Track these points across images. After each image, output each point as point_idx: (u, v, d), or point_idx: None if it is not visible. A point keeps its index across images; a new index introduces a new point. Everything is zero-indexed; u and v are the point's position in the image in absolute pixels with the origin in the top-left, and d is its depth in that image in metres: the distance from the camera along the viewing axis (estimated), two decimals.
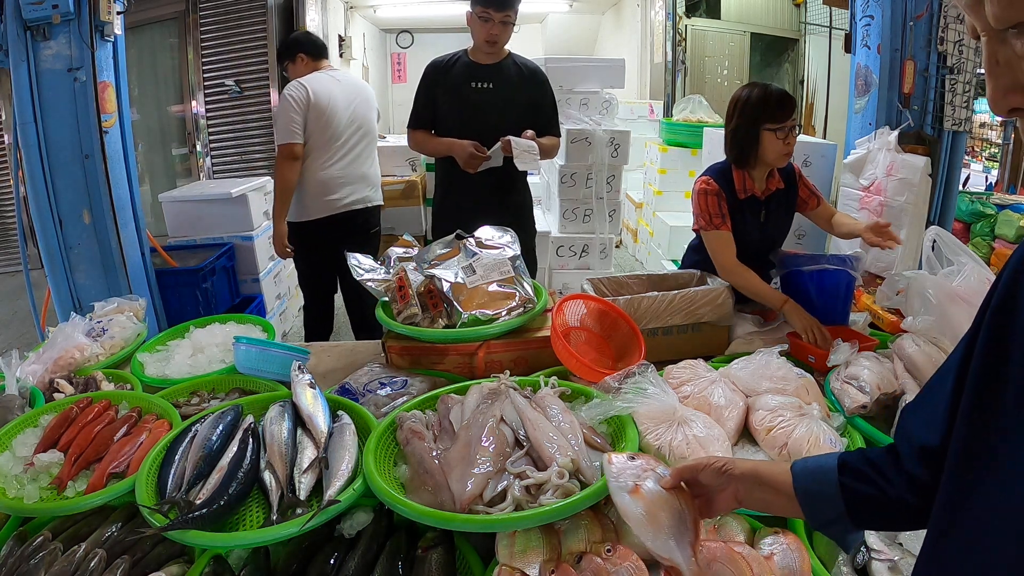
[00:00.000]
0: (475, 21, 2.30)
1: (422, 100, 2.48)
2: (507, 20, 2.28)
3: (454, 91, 2.41)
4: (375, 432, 1.14)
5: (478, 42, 2.35)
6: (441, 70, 2.44)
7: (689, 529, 0.77)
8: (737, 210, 1.80)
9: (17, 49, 2.29)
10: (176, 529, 0.94)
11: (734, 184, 1.80)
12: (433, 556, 0.95)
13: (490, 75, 2.41)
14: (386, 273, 1.72)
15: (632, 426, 1.13)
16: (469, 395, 1.24)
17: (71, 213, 2.49)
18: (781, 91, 1.77)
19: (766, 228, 1.87)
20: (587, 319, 1.59)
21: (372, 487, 1.01)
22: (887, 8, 2.65)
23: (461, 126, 2.39)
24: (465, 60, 2.43)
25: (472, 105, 2.40)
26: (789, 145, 1.73)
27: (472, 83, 2.40)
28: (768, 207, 1.85)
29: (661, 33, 6.34)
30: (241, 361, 1.49)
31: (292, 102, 2.64)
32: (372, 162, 2.93)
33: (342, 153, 2.78)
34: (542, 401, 1.18)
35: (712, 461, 0.80)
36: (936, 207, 2.71)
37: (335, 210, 2.78)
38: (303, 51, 2.83)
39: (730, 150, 1.81)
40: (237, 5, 4.75)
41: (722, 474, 0.79)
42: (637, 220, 5.32)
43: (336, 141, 2.75)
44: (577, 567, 0.89)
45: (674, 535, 0.76)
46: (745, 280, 1.74)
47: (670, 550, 0.75)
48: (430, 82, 2.44)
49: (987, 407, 0.55)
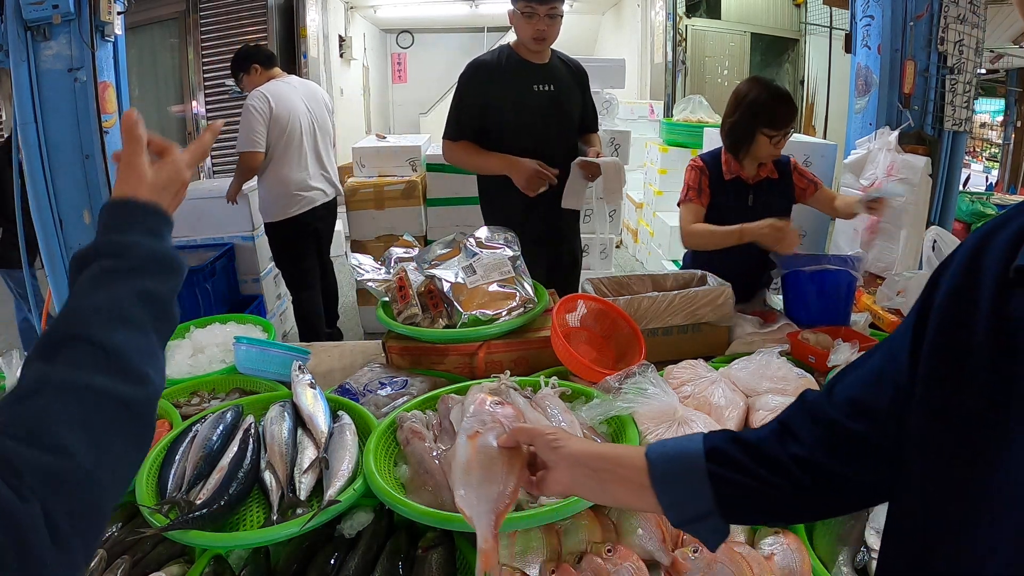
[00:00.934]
0: (518, 18, 2.03)
1: (468, 105, 2.12)
2: (553, 13, 2.01)
3: (514, 94, 2.10)
4: (375, 432, 1.14)
5: (524, 40, 2.07)
6: (493, 70, 2.11)
7: (499, 495, 0.70)
8: (721, 190, 1.93)
9: (17, 49, 2.30)
10: (176, 529, 0.94)
11: (720, 165, 1.93)
12: (433, 556, 0.95)
13: (547, 76, 2.13)
14: (386, 273, 1.72)
15: (632, 426, 1.13)
16: (469, 395, 1.24)
17: (71, 213, 2.50)
18: (785, 98, 1.85)
19: (755, 213, 1.88)
20: (587, 319, 1.59)
21: (373, 487, 1.01)
22: (887, 8, 2.65)
23: (521, 136, 2.10)
24: (516, 58, 2.12)
25: (534, 111, 2.10)
26: (779, 147, 1.85)
27: (535, 86, 2.10)
28: (756, 193, 1.94)
29: (661, 33, 6.34)
30: (241, 361, 1.49)
31: (255, 113, 2.87)
32: (330, 158, 3.26)
33: (310, 154, 3.08)
34: (542, 401, 1.18)
35: (546, 431, 0.72)
36: (936, 207, 2.71)
37: (309, 205, 3.09)
38: (256, 61, 3.03)
39: (726, 139, 1.93)
40: (237, 5, 4.76)
41: (552, 449, 0.70)
42: (637, 220, 5.33)
43: (302, 145, 3.03)
44: (577, 567, 0.89)
45: (479, 494, 0.71)
46: (702, 235, 1.89)
47: (471, 507, 0.70)
48: (479, 84, 2.11)
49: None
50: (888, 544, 0.57)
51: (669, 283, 1.81)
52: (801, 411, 0.63)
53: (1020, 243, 0.46)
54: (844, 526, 0.99)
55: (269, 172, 3.01)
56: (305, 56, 5.77)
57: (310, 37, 5.83)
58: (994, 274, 0.47)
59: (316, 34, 6.10)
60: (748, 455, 0.62)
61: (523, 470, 0.73)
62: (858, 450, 0.58)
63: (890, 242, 2.76)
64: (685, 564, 0.90)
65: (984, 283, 0.48)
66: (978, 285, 0.49)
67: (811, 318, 1.68)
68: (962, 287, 0.50)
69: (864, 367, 0.60)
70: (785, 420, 0.64)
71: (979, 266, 0.49)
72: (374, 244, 3.65)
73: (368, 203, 3.67)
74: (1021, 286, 0.44)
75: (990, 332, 0.46)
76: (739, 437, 0.65)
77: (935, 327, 0.52)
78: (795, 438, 0.61)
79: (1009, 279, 0.46)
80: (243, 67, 3.03)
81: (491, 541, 0.69)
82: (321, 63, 6.31)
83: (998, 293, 0.47)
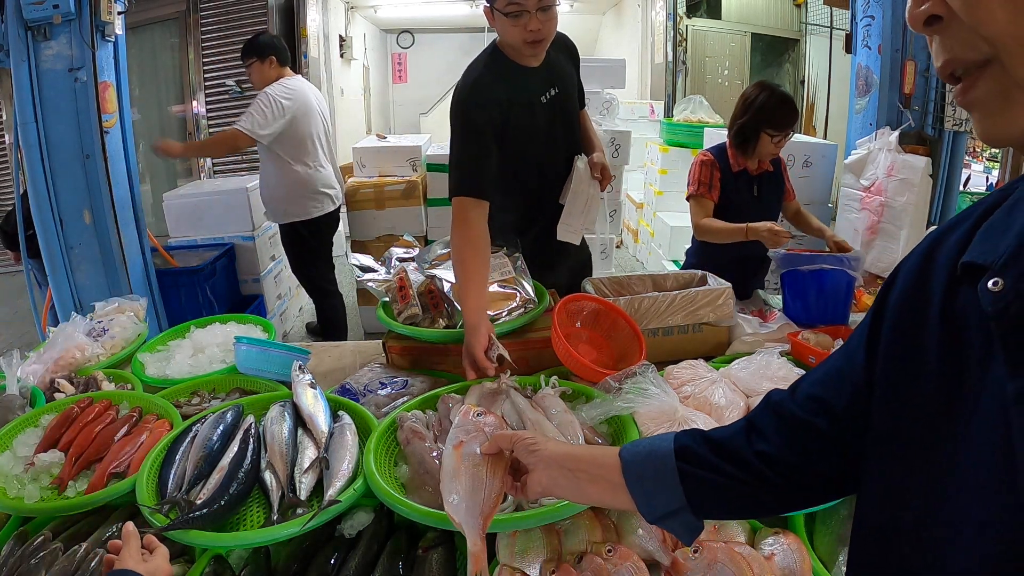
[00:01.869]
0: (502, 21, 1.56)
1: (484, 146, 1.57)
2: (546, 4, 1.52)
3: (524, 115, 1.66)
4: (375, 432, 1.15)
5: (514, 44, 1.59)
6: (497, 88, 1.61)
7: (485, 499, 0.75)
8: (732, 182, 2.09)
9: (18, 49, 2.30)
10: (177, 529, 0.94)
11: (728, 159, 2.10)
12: (433, 556, 0.95)
13: (550, 77, 1.70)
14: (387, 273, 1.72)
15: (633, 426, 1.13)
16: (469, 395, 1.24)
17: (72, 213, 2.50)
18: (788, 103, 2.03)
19: (760, 204, 2.12)
20: (588, 320, 1.59)
21: (372, 487, 1.01)
22: (888, 8, 2.65)
23: (527, 158, 1.72)
24: (514, 67, 1.64)
25: (542, 125, 1.71)
26: (780, 147, 2.05)
27: (542, 96, 1.69)
28: (760, 184, 2.13)
29: (662, 33, 6.34)
30: (241, 361, 1.49)
31: (277, 104, 2.81)
32: (336, 160, 3.29)
33: (326, 153, 3.07)
34: (543, 401, 1.18)
35: (524, 436, 0.75)
36: (936, 207, 2.72)
37: (331, 206, 3.09)
38: (275, 54, 2.94)
39: (733, 136, 2.09)
40: (237, 5, 4.76)
41: (530, 452, 0.73)
42: (638, 220, 5.32)
43: (323, 144, 3.03)
44: (578, 567, 0.89)
45: (467, 500, 0.76)
46: (713, 231, 2.04)
47: (460, 513, 0.76)
48: (488, 115, 1.58)
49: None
50: (855, 537, 0.58)
51: (669, 283, 1.81)
52: (767, 410, 0.66)
53: (969, 240, 0.47)
54: (844, 526, 0.99)
55: (287, 170, 2.93)
56: (305, 56, 5.77)
57: (310, 37, 5.83)
58: (945, 271, 0.49)
59: (316, 34, 6.10)
60: (716, 453, 0.65)
61: (506, 474, 0.77)
62: (820, 446, 0.60)
63: (890, 242, 2.77)
64: (685, 564, 0.90)
65: (936, 280, 0.49)
66: (930, 283, 0.50)
67: (810, 317, 1.69)
68: (915, 285, 0.51)
69: (825, 366, 0.63)
70: (752, 419, 0.67)
71: (931, 265, 0.51)
72: (374, 244, 3.65)
73: (368, 203, 3.67)
74: (967, 282, 0.45)
75: (940, 327, 0.48)
76: (708, 436, 0.67)
77: (890, 325, 0.53)
78: (761, 435, 0.64)
79: (957, 275, 0.47)
80: (261, 54, 2.89)
81: (480, 544, 0.74)
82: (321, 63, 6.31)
83: (948, 289, 0.48)
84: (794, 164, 3.17)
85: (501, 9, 1.54)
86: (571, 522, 0.96)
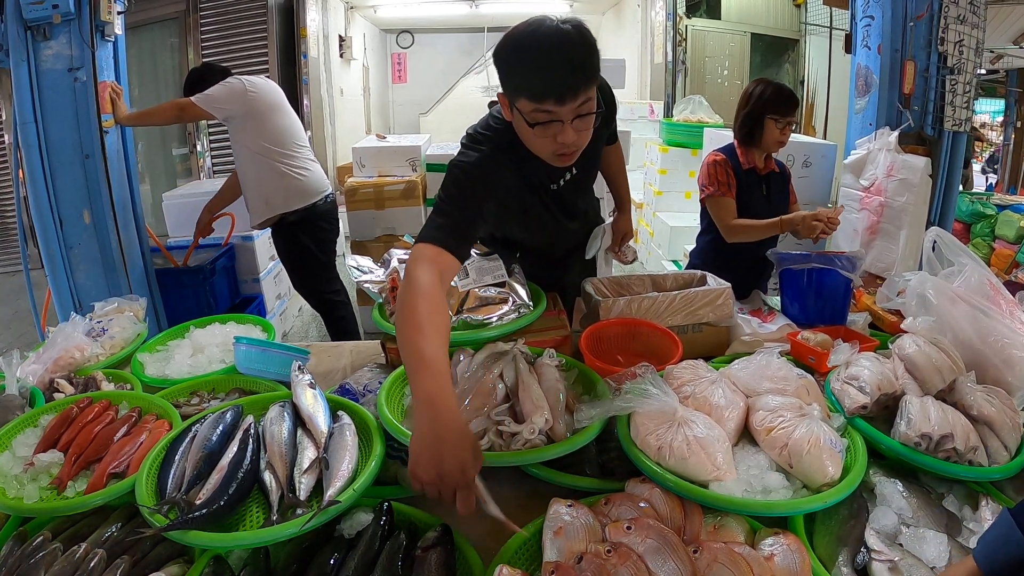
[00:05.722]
0: (523, 128, 1.22)
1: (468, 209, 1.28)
2: (583, 111, 1.17)
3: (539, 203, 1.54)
4: (386, 384, 1.23)
5: (540, 154, 1.28)
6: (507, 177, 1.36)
7: None
8: (743, 180, 2.11)
9: (17, 49, 2.30)
10: (176, 529, 0.94)
11: (739, 157, 2.13)
12: (433, 556, 0.95)
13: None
14: (384, 275, 1.71)
15: (605, 388, 1.23)
16: (480, 352, 1.34)
17: (71, 213, 2.50)
18: (787, 90, 2.10)
19: (771, 203, 2.15)
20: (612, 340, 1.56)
21: (385, 426, 1.12)
22: (887, 8, 2.65)
23: (552, 241, 1.71)
24: (530, 157, 1.32)
25: (560, 208, 1.58)
26: (784, 135, 2.08)
27: (560, 179, 1.51)
28: (768, 183, 2.17)
29: (661, 33, 6.34)
30: (241, 361, 1.49)
31: (237, 87, 2.69)
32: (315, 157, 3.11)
33: (306, 144, 2.96)
34: (540, 368, 1.26)
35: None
36: (936, 208, 2.72)
37: (313, 197, 2.92)
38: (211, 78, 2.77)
39: (739, 130, 2.14)
40: (237, 5, 4.76)
41: None
42: (637, 220, 5.32)
43: (298, 135, 2.93)
44: (577, 567, 0.89)
45: None
46: (746, 229, 2.05)
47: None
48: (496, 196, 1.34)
49: None
50: None
51: (669, 283, 1.81)
52: None
53: None
54: (844, 526, 0.99)
55: (264, 164, 2.78)
56: (305, 56, 5.77)
57: (310, 37, 5.83)
58: None
59: (316, 34, 6.10)
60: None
61: None
62: None
63: (890, 243, 2.76)
64: None
65: None
66: None
67: (808, 316, 1.69)
68: None
69: None
70: None
71: None
72: (374, 244, 3.65)
73: (368, 203, 3.67)
74: None
75: None
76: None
77: None
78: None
79: None
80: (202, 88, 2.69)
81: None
82: (321, 63, 6.31)
83: None
84: (794, 164, 3.18)
85: (525, 115, 1.18)
86: (571, 521, 0.96)
